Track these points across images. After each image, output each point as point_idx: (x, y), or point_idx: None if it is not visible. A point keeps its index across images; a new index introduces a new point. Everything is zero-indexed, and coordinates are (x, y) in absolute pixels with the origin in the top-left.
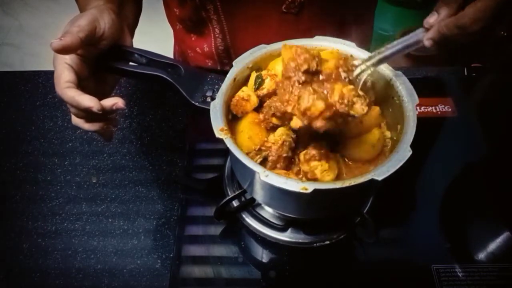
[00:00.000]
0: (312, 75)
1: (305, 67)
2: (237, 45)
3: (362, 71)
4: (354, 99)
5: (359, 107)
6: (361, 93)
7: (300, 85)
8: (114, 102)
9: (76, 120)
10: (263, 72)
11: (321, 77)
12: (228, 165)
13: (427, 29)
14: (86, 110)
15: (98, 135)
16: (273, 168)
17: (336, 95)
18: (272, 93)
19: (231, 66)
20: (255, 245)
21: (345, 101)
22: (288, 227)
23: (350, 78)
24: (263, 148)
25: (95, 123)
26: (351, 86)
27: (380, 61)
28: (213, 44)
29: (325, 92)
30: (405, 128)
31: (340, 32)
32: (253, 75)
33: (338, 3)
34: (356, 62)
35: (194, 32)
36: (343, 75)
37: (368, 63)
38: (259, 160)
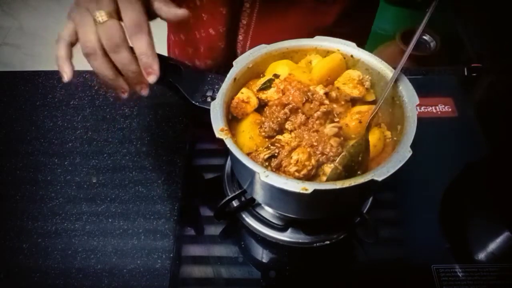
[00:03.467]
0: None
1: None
2: (260, 30)
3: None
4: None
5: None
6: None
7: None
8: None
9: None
10: (277, 80)
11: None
12: (228, 165)
13: None
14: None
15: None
16: (278, 167)
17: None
18: (271, 102)
19: (243, 49)
20: (255, 245)
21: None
22: (288, 227)
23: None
24: (276, 144)
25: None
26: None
27: None
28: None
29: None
30: (405, 129)
31: (344, 28)
32: (267, 77)
33: None
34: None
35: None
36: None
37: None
38: (266, 156)
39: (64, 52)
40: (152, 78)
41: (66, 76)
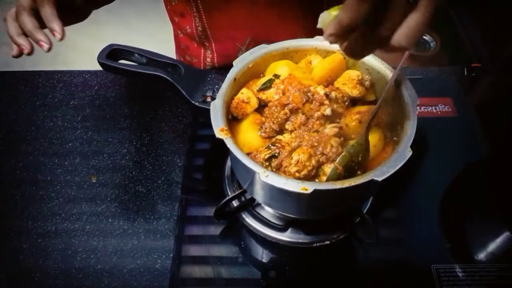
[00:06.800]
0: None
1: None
2: (212, 25)
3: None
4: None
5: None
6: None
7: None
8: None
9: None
10: (277, 81)
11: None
12: (228, 165)
13: None
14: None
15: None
16: (278, 167)
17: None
18: (272, 102)
19: (212, 48)
20: (255, 245)
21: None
22: (288, 227)
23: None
24: (277, 144)
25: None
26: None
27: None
28: (193, 24)
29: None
30: (405, 129)
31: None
32: (267, 78)
33: None
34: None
35: (177, 13)
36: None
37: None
38: (267, 156)
39: (15, 29)
40: (57, 37)
41: (26, 49)
